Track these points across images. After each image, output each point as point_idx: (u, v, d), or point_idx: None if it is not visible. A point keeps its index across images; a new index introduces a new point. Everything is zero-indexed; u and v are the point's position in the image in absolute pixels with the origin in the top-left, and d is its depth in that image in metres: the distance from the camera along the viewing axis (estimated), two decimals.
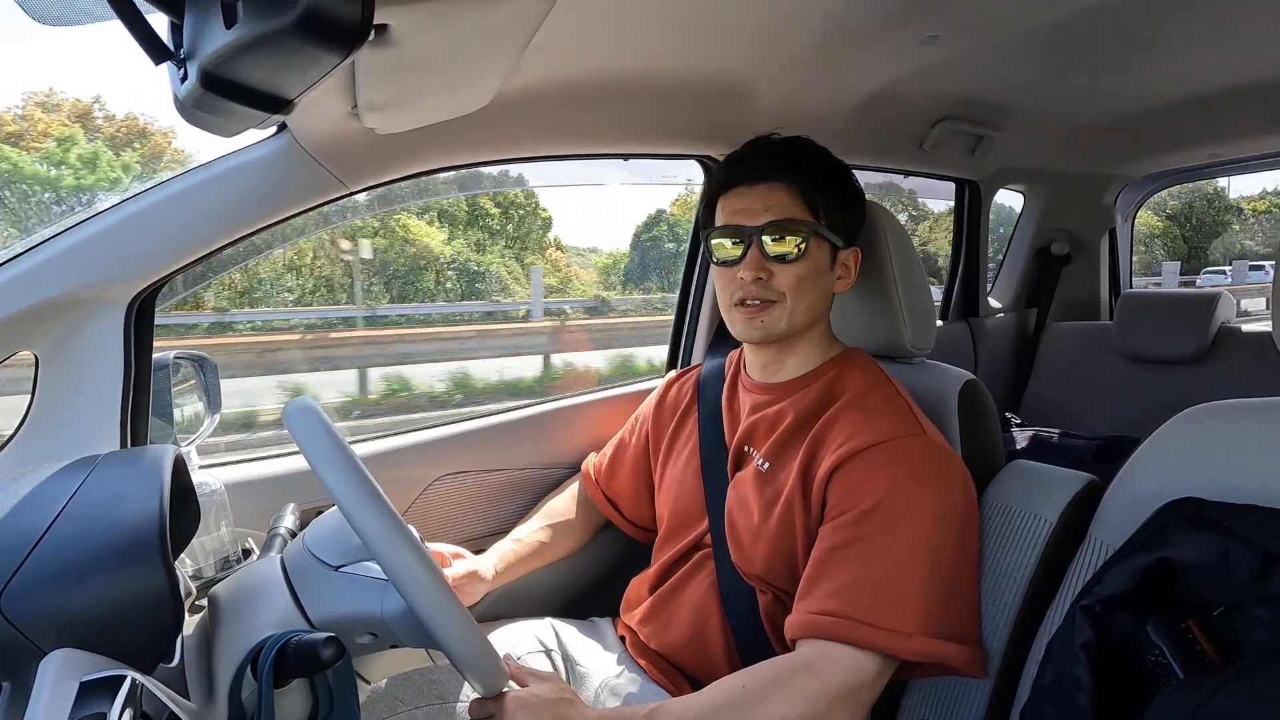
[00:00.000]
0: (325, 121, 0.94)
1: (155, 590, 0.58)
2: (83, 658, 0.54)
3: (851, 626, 0.77)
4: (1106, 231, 2.40)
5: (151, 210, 0.95)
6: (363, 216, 12.80)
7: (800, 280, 0.93)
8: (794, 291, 0.93)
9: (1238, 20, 1.16)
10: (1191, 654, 0.57)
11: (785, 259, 0.92)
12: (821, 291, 0.96)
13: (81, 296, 0.92)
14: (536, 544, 1.17)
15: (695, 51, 1.11)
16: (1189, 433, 0.75)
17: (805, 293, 0.94)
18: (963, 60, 1.23)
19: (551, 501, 1.26)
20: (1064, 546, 0.83)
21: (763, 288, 0.93)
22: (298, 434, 0.65)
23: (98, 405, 0.95)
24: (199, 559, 0.93)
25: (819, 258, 0.94)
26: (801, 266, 0.93)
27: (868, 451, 0.85)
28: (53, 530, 0.60)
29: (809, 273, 0.93)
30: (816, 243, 0.94)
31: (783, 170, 0.94)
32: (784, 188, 0.93)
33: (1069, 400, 2.13)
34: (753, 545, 0.94)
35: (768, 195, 0.94)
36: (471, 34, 0.64)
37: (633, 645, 1.06)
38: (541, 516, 1.22)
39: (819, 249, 0.94)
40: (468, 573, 1.03)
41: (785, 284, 0.93)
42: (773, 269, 0.93)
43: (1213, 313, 1.90)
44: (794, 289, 0.93)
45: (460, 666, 0.70)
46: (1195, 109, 1.62)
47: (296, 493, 1.04)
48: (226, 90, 0.53)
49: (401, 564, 0.63)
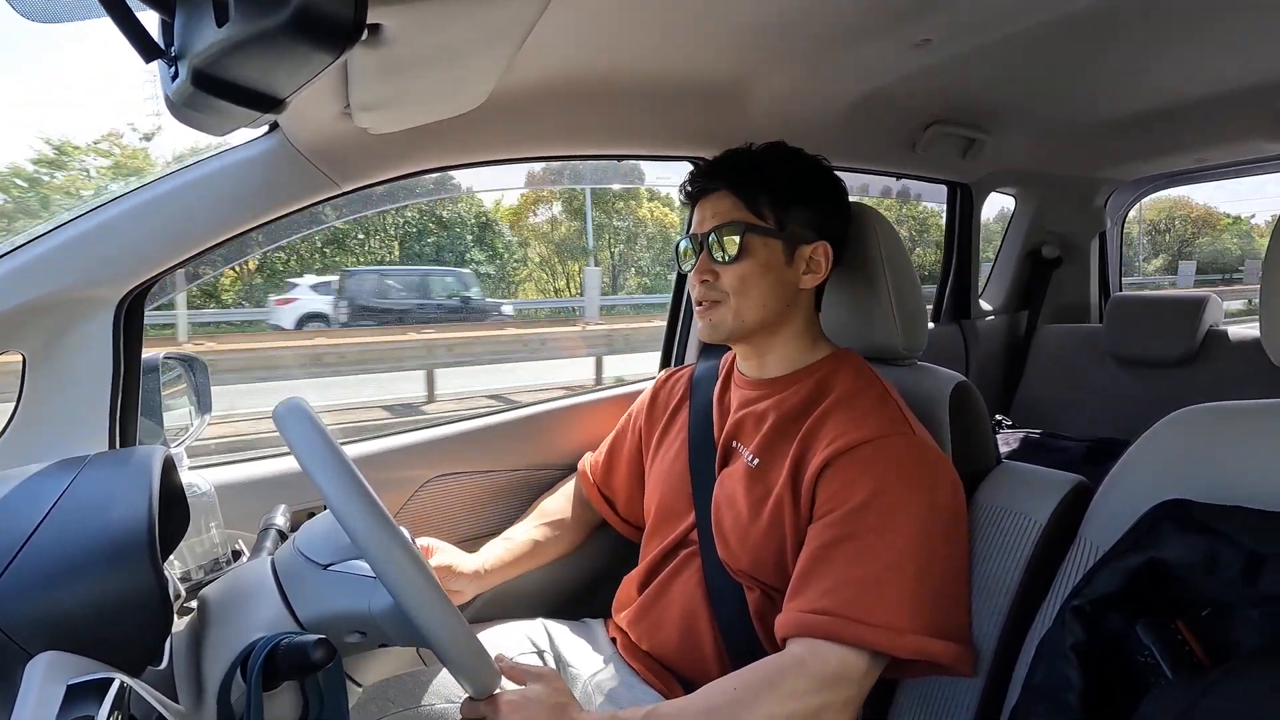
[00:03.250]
0: (317, 121, 0.94)
1: (144, 592, 0.58)
2: (70, 660, 0.53)
3: (842, 624, 0.78)
4: (1097, 235, 2.42)
5: (141, 209, 0.94)
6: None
7: (743, 279, 0.96)
8: (737, 290, 0.97)
9: (1225, 26, 1.18)
10: (1180, 654, 0.58)
11: (726, 259, 0.97)
12: (774, 288, 0.98)
13: (70, 296, 0.92)
14: (530, 543, 1.17)
15: (688, 54, 1.11)
16: (1178, 435, 0.76)
17: (750, 290, 0.97)
18: (955, 64, 1.24)
19: (546, 501, 1.26)
20: (1054, 548, 0.83)
21: (709, 288, 0.99)
22: (288, 434, 0.65)
23: (86, 406, 0.94)
24: (188, 561, 0.93)
25: (764, 255, 0.97)
26: (743, 266, 0.96)
27: (857, 449, 0.86)
28: (40, 531, 0.59)
29: (752, 271, 0.96)
30: (760, 240, 0.96)
31: (726, 179, 1.00)
32: (728, 194, 0.99)
33: (1059, 402, 2.14)
34: (740, 542, 0.94)
35: (715, 204, 1.00)
36: (465, 34, 0.64)
37: (624, 646, 1.05)
38: (536, 516, 1.22)
39: (765, 246, 0.97)
40: (443, 566, 1.04)
41: (729, 283, 0.97)
42: (718, 270, 0.98)
43: (1201, 316, 1.91)
44: (737, 287, 0.97)
45: (450, 666, 0.69)
46: (1184, 114, 1.64)
47: (287, 494, 1.04)
48: (218, 89, 0.53)
49: (391, 563, 0.62)
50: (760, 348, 1.02)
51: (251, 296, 13.00)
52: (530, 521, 1.21)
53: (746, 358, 1.05)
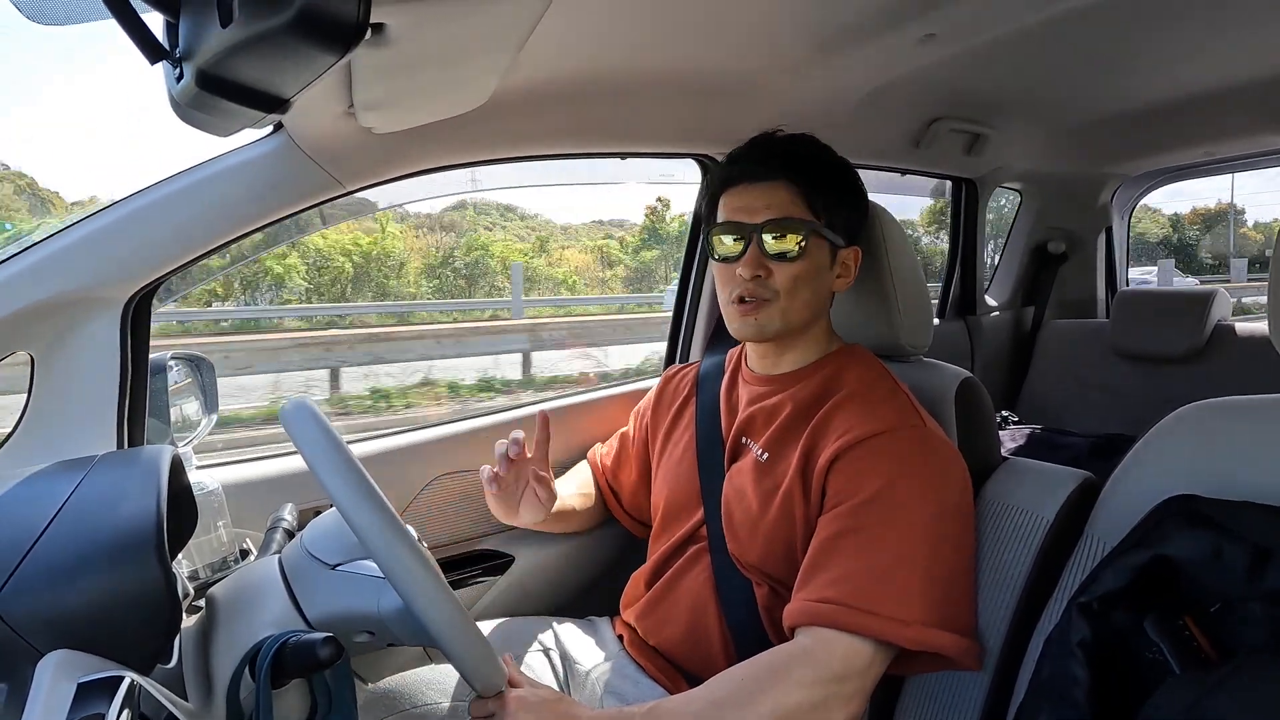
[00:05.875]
0: (322, 121, 0.94)
1: (153, 591, 0.58)
2: (80, 659, 0.54)
3: (850, 614, 0.78)
4: (1103, 229, 2.41)
5: (147, 210, 0.95)
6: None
7: (797, 279, 0.93)
8: (789, 290, 0.93)
9: (1232, 19, 1.17)
10: (1188, 650, 0.58)
11: (784, 257, 0.93)
12: (818, 290, 0.96)
13: (78, 296, 0.92)
14: (577, 499, 1.19)
15: (693, 51, 1.11)
16: (1185, 430, 0.76)
17: (801, 291, 0.94)
18: (960, 59, 1.23)
19: (578, 471, 1.28)
20: (1061, 544, 0.83)
21: (759, 285, 0.94)
22: (294, 434, 0.65)
23: (94, 406, 0.95)
24: (196, 560, 0.93)
25: (818, 257, 0.95)
26: (799, 265, 0.93)
27: (868, 442, 0.85)
28: (50, 531, 0.60)
29: (806, 272, 0.94)
30: (816, 242, 0.94)
31: (784, 168, 0.94)
32: (785, 186, 0.94)
33: (1065, 398, 2.14)
34: (750, 536, 0.94)
35: (769, 193, 0.94)
36: (468, 32, 0.64)
37: (631, 643, 1.06)
38: (575, 485, 1.23)
39: (818, 248, 0.95)
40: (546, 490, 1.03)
41: (781, 282, 0.93)
42: (771, 267, 0.93)
43: (1208, 310, 1.90)
44: (790, 288, 0.93)
45: (457, 664, 0.69)
46: (1190, 107, 1.63)
47: (294, 493, 1.04)
48: (222, 90, 0.53)
49: (398, 562, 0.63)
50: (783, 346, 1.00)
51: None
52: (572, 485, 1.22)
53: (765, 355, 1.02)
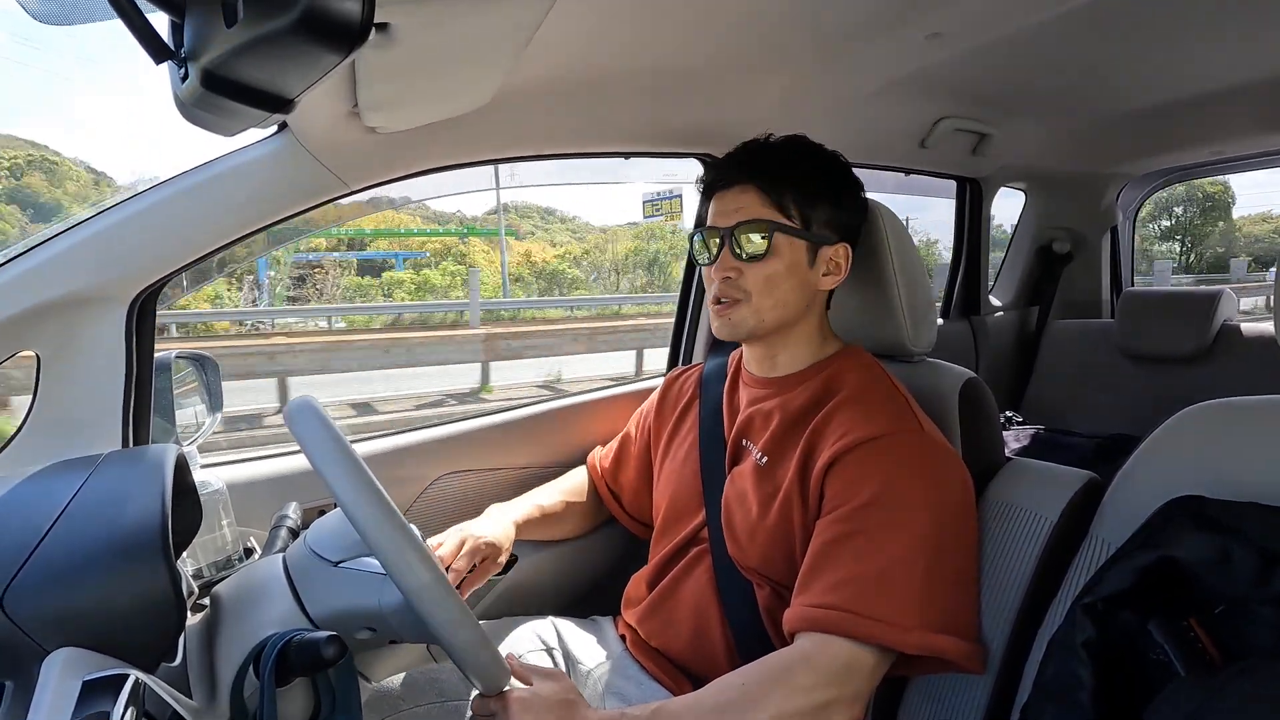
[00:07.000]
0: (326, 120, 0.94)
1: (157, 589, 0.58)
2: (85, 657, 0.54)
3: (850, 619, 0.77)
4: (1108, 229, 2.40)
5: (152, 210, 0.95)
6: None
7: (768, 279, 0.95)
8: (760, 290, 0.95)
9: (1237, 18, 1.16)
10: (1193, 652, 0.57)
11: (753, 258, 0.95)
12: (796, 289, 0.97)
13: (83, 296, 0.92)
14: (562, 504, 1.22)
15: (696, 50, 1.11)
16: (1190, 431, 0.75)
17: (773, 290, 0.95)
18: (965, 58, 1.23)
19: (568, 477, 1.29)
20: (1065, 544, 0.83)
21: (730, 286, 0.96)
22: (299, 432, 0.65)
23: (100, 405, 0.95)
24: (200, 558, 0.93)
25: (790, 255, 0.96)
26: (768, 265, 0.95)
27: (865, 446, 0.85)
28: (55, 529, 0.60)
29: (777, 271, 0.95)
30: (787, 240, 0.95)
31: (751, 173, 0.97)
32: (753, 189, 0.96)
33: (1070, 398, 2.13)
34: (750, 539, 0.94)
35: (739, 197, 0.97)
36: (472, 32, 0.64)
37: (633, 643, 1.06)
38: (560, 493, 1.24)
39: (790, 247, 0.95)
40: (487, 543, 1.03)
41: (753, 282, 0.95)
42: (742, 267, 0.96)
43: (1214, 310, 1.89)
44: (760, 287, 0.95)
45: (460, 663, 0.70)
46: (1196, 107, 1.62)
47: (299, 491, 1.04)
48: (227, 90, 0.53)
49: (401, 560, 0.63)
50: (773, 347, 1.01)
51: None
52: (557, 494, 1.24)
53: (757, 357, 1.04)
